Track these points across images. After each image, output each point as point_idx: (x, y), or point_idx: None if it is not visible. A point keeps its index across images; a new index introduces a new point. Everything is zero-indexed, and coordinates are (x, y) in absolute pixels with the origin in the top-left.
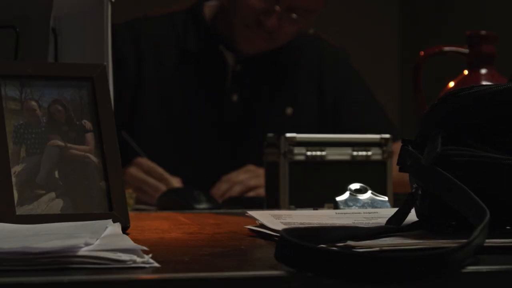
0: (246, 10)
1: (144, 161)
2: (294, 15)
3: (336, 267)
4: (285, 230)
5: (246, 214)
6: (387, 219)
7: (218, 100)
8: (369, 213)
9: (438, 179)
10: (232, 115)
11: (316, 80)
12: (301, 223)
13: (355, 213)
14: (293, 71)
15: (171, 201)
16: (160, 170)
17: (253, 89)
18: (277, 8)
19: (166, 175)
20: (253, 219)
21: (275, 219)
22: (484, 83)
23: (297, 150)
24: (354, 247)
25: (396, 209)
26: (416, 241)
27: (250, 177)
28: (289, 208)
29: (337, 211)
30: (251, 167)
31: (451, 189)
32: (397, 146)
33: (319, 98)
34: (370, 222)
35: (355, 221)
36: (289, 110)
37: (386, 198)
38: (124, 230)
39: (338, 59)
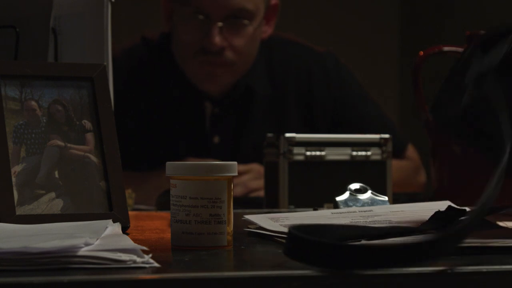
0: (184, 45)
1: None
2: (236, 21)
3: (343, 259)
4: (293, 226)
5: (243, 218)
6: (382, 217)
7: (199, 142)
8: (364, 211)
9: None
10: (216, 153)
11: (304, 99)
12: None
13: (351, 212)
14: (279, 97)
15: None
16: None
17: (234, 129)
18: (218, 24)
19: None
20: (251, 223)
21: (273, 222)
22: None
23: (296, 150)
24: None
25: (387, 206)
26: None
27: (252, 179)
28: (288, 208)
29: (333, 211)
30: (255, 167)
31: None
32: (411, 152)
33: (310, 119)
34: (368, 220)
35: (352, 220)
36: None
37: (386, 198)
38: (124, 230)
39: (326, 66)
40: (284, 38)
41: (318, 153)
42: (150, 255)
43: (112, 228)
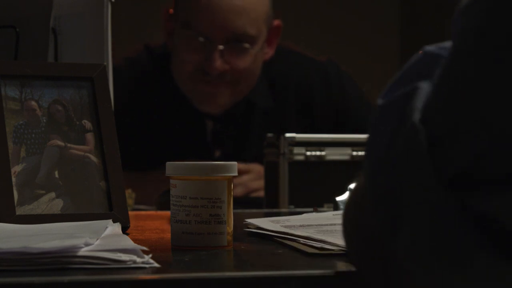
0: (184, 65)
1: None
2: (238, 44)
3: None
4: None
5: (244, 222)
6: None
7: (200, 156)
8: None
9: None
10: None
11: (306, 110)
12: (301, 225)
13: None
14: (281, 109)
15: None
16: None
17: (235, 143)
18: (219, 47)
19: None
20: (253, 226)
21: (274, 223)
22: None
23: (296, 150)
24: None
25: None
26: None
27: (252, 179)
28: (288, 208)
29: (334, 212)
30: (255, 167)
31: None
32: None
33: (311, 129)
34: None
35: None
36: None
37: None
38: (124, 230)
39: (328, 76)
40: (285, 48)
41: (318, 153)
42: (150, 255)
43: (112, 228)
